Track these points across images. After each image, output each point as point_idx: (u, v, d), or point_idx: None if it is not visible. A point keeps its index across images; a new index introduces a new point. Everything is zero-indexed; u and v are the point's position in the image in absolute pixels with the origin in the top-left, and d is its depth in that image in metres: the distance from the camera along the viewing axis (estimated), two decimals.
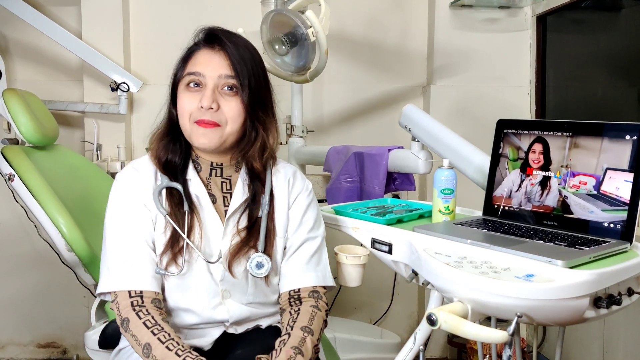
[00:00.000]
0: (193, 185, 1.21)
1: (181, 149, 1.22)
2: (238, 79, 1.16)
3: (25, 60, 2.58)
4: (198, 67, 1.17)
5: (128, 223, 1.18)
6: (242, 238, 1.19)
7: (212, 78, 1.16)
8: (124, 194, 1.20)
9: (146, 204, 1.18)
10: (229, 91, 1.17)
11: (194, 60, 1.18)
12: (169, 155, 1.21)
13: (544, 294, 0.94)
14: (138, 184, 1.20)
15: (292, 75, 2.09)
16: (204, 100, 1.14)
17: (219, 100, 1.16)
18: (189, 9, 2.59)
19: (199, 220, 1.19)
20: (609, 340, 1.99)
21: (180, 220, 1.17)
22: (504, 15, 2.61)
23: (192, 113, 1.16)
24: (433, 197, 1.38)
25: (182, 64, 1.20)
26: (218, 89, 1.16)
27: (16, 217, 2.47)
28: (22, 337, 2.65)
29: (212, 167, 1.23)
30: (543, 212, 1.26)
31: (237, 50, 1.17)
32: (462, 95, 2.61)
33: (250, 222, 1.21)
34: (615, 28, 2.24)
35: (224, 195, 1.23)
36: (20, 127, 1.72)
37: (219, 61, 1.17)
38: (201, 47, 1.20)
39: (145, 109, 2.58)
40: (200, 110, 1.15)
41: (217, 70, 1.16)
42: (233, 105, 1.16)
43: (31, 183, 1.62)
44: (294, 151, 2.35)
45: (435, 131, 1.67)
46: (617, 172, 1.14)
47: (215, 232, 1.20)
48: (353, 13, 2.66)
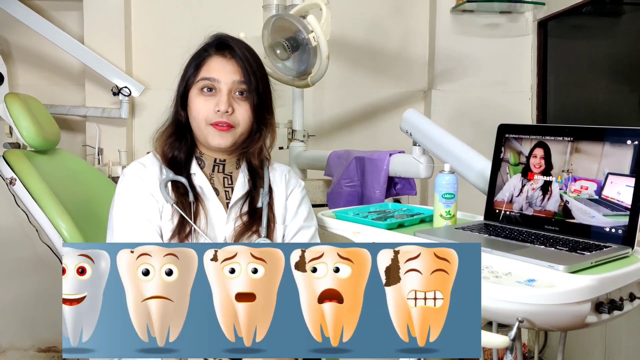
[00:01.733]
0: (197, 179, 1.28)
1: (186, 146, 1.30)
2: (249, 84, 1.25)
3: (28, 64, 2.58)
4: (213, 73, 1.24)
5: (138, 211, 1.23)
6: (244, 222, 1.26)
7: (226, 84, 1.24)
8: (132, 185, 1.25)
9: (153, 194, 1.24)
10: (240, 96, 1.25)
11: (208, 67, 1.26)
12: (174, 152, 1.29)
13: (546, 299, 0.93)
14: (145, 177, 1.26)
15: (294, 80, 2.09)
16: (220, 104, 1.22)
17: (232, 104, 1.24)
18: (190, 14, 2.60)
19: (204, 209, 1.25)
20: (611, 346, 1.99)
21: (187, 208, 1.23)
22: (505, 20, 2.61)
23: (207, 116, 1.24)
24: (434, 202, 1.38)
25: (194, 69, 1.27)
26: (231, 94, 1.24)
27: (17, 221, 2.47)
28: (22, 342, 2.64)
29: (215, 164, 1.31)
30: (544, 217, 1.26)
31: (247, 58, 1.27)
32: (463, 100, 2.62)
33: (251, 211, 1.28)
34: (616, 33, 2.25)
35: (225, 190, 1.30)
36: (22, 132, 1.72)
37: (232, 68, 1.25)
38: (212, 54, 1.27)
39: (147, 113, 2.59)
40: (217, 113, 1.23)
41: (230, 76, 1.24)
42: (245, 108, 1.25)
43: (32, 187, 1.62)
44: (295, 156, 2.35)
45: (437, 136, 1.67)
46: (618, 177, 1.14)
47: (219, 219, 1.27)
48: (354, 18, 2.66)
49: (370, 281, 0.85)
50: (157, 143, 1.30)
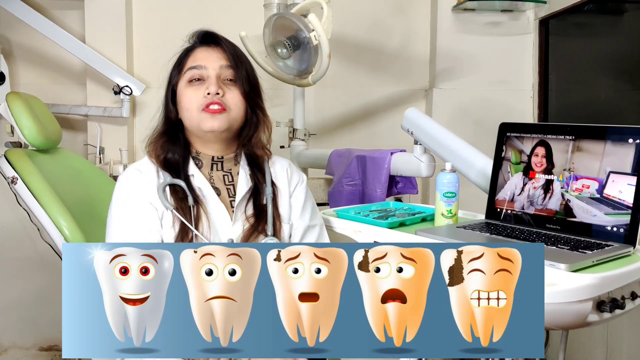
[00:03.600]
0: (196, 180, 1.24)
1: (180, 146, 1.26)
2: (237, 69, 1.23)
3: (29, 63, 2.59)
4: (199, 61, 1.23)
5: (138, 222, 1.19)
6: (251, 224, 1.24)
7: (214, 69, 1.22)
8: (129, 195, 1.22)
9: (152, 202, 1.20)
10: (230, 82, 1.23)
11: (194, 57, 1.25)
12: (168, 154, 1.25)
13: (547, 297, 0.93)
14: (142, 184, 1.22)
15: (295, 78, 2.09)
16: (210, 87, 1.20)
17: (222, 87, 1.22)
18: (191, 13, 2.59)
19: (205, 212, 1.22)
20: (613, 345, 1.99)
21: (187, 213, 1.19)
22: (507, 19, 2.61)
23: (198, 103, 1.21)
24: (435, 201, 1.38)
25: (178, 65, 1.26)
26: (220, 79, 1.22)
27: (19, 220, 2.47)
28: (24, 341, 2.65)
29: (213, 162, 1.27)
30: (546, 216, 1.26)
31: (232, 46, 1.26)
32: (465, 98, 2.61)
33: (257, 209, 1.25)
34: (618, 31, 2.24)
35: (227, 187, 1.27)
36: (23, 131, 1.72)
37: (218, 55, 1.24)
38: (197, 46, 1.26)
39: (148, 112, 2.58)
40: (207, 97, 1.20)
41: (217, 61, 1.23)
42: (235, 93, 1.23)
43: (34, 186, 1.62)
44: (296, 155, 2.35)
45: (438, 134, 1.67)
46: (620, 176, 1.14)
47: (223, 221, 1.23)
48: (355, 17, 2.66)
49: (434, 281, 0.85)
50: (150, 147, 1.27)
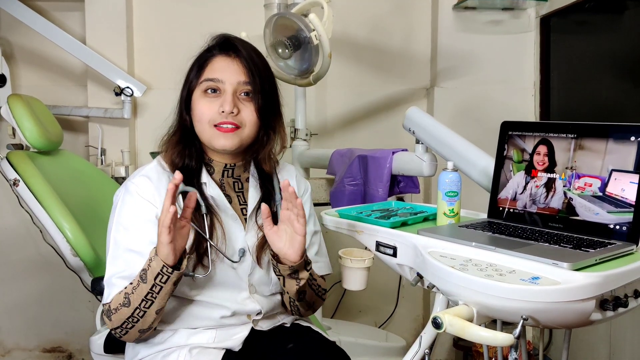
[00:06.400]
0: (209, 188, 1.23)
1: (196, 153, 1.25)
2: (254, 85, 1.20)
3: (30, 65, 2.59)
4: (217, 74, 1.20)
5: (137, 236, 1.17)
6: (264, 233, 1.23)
7: (231, 84, 1.20)
8: (134, 207, 1.19)
9: (159, 214, 1.16)
10: (246, 97, 1.21)
11: (212, 67, 1.22)
12: (185, 160, 1.23)
13: (550, 296, 0.93)
14: (150, 194, 1.19)
15: (296, 78, 2.09)
16: (225, 105, 1.18)
17: (238, 104, 1.20)
18: (192, 14, 2.59)
19: (219, 221, 1.22)
20: (616, 343, 1.98)
21: (201, 223, 1.18)
22: (508, 17, 2.60)
23: (211, 117, 1.19)
24: (437, 200, 1.37)
25: (197, 71, 1.23)
26: (236, 95, 1.20)
27: (21, 222, 2.48)
28: (27, 342, 2.65)
29: (225, 169, 1.27)
30: (548, 214, 1.26)
31: (252, 58, 1.22)
32: (466, 97, 2.61)
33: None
34: (620, 29, 2.24)
35: (237, 194, 1.27)
36: (25, 133, 1.72)
37: (237, 68, 1.21)
38: (216, 55, 1.23)
39: (149, 113, 2.59)
40: (221, 114, 1.19)
41: (235, 76, 1.20)
42: (250, 110, 1.21)
43: (36, 188, 1.62)
44: (298, 154, 2.35)
45: (440, 133, 1.67)
46: (622, 174, 1.14)
47: (237, 230, 1.24)
48: (356, 16, 2.66)
49: None
50: (165, 151, 1.24)
